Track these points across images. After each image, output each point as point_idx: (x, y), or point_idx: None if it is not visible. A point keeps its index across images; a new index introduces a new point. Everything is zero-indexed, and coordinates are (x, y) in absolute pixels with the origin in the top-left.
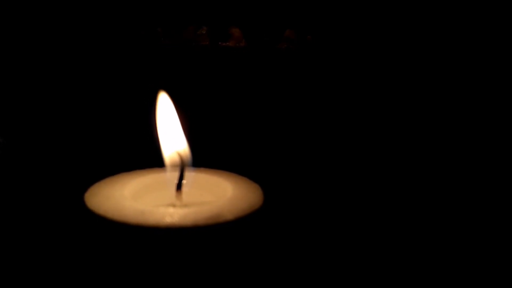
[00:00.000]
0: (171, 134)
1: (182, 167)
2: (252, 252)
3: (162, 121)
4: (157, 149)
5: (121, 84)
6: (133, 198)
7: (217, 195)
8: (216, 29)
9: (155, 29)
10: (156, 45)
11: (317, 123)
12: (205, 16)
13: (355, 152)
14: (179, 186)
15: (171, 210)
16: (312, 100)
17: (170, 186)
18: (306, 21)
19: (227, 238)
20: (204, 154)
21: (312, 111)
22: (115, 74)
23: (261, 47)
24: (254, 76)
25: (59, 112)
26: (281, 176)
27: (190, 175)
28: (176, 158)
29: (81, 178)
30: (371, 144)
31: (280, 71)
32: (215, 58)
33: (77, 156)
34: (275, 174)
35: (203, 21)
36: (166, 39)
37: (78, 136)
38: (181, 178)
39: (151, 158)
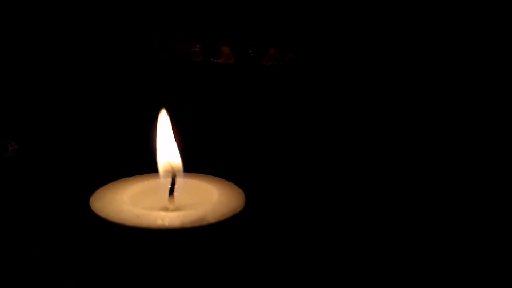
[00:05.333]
0: (166, 148)
1: (174, 176)
2: (233, 251)
3: (160, 135)
4: (153, 156)
5: (124, 97)
6: (132, 201)
7: (205, 199)
8: (208, 46)
9: (154, 45)
10: (154, 60)
11: (300, 134)
12: (198, 34)
13: (335, 164)
14: (171, 192)
15: (162, 214)
16: (294, 112)
17: (164, 191)
18: (288, 41)
19: (210, 239)
20: (197, 159)
21: (293, 122)
22: (119, 89)
23: (248, 64)
24: (242, 89)
25: (69, 125)
26: (265, 182)
27: (182, 181)
28: (169, 169)
29: (88, 182)
30: (350, 156)
31: (265, 85)
32: (207, 73)
33: (85, 163)
34: (260, 180)
35: (197, 39)
36: (163, 54)
37: (85, 145)
38: (173, 185)
39: (148, 164)
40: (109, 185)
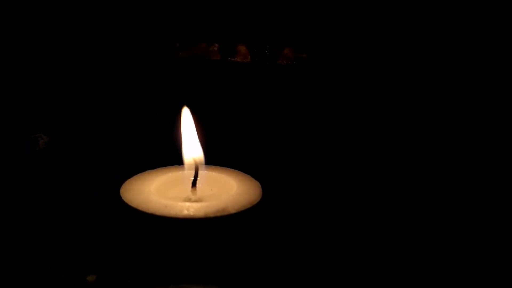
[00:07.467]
0: (190, 143)
1: (196, 170)
2: (250, 239)
3: (184, 132)
4: (176, 150)
5: (148, 95)
6: (158, 192)
7: (224, 190)
8: (226, 46)
9: (174, 44)
10: (175, 58)
11: (313, 129)
12: (216, 34)
13: (347, 157)
14: (194, 184)
15: (187, 204)
16: (308, 108)
17: (187, 182)
18: (302, 41)
19: (231, 227)
20: (217, 153)
21: (307, 118)
22: (144, 86)
23: (264, 63)
24: (258, 87)
25: (95, 119)
26: (280, 175)
27: (203, 174)
28: (192, 163)
29: (118, 173)
30: (361, 152)
31: (280, 83)
32: (225, 71)
33: (110, 155)
34: (276, 172)
35: (215, 39)
36: (183, 53)
37: (112, 139)
38: (195, 178)
39: (166, 157)
40: (136, 177)
